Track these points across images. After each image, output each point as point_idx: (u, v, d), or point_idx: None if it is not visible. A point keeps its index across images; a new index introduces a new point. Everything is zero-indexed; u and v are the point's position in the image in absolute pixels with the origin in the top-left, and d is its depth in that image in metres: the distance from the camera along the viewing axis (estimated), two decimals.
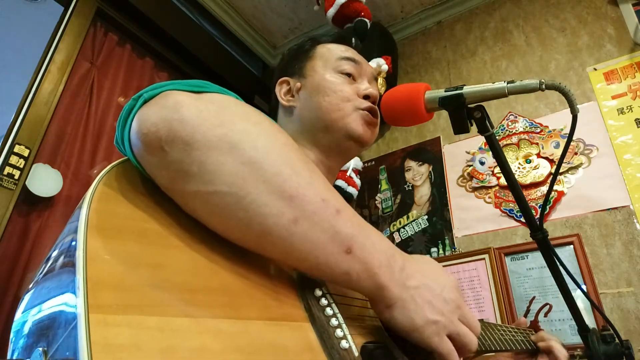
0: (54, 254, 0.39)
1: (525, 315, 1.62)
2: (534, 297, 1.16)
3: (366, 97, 0.77)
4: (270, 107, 0.89)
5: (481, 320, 0.81)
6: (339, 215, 0.43)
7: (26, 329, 0.37)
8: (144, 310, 0.32)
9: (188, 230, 0.41)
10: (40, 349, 0.31)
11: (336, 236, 0.42)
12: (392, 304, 0.45)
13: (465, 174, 2.09)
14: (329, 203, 0.43)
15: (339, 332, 0.45)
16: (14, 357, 0.37)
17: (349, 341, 0.44)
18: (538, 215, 1.71)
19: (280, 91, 0.82)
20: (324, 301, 0.47)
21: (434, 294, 0.47)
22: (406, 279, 0.46)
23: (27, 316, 0.39)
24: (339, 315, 0.47)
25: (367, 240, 0.44)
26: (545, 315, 0.92)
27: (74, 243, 0.33)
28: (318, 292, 0.48)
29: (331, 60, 0.79)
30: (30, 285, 0.42)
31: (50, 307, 0.35)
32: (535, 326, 1.00)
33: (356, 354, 0.44)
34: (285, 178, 0.40)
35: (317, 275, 0.45)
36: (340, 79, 0.77)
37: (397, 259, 0.47)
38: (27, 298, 0.42)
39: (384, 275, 0.44)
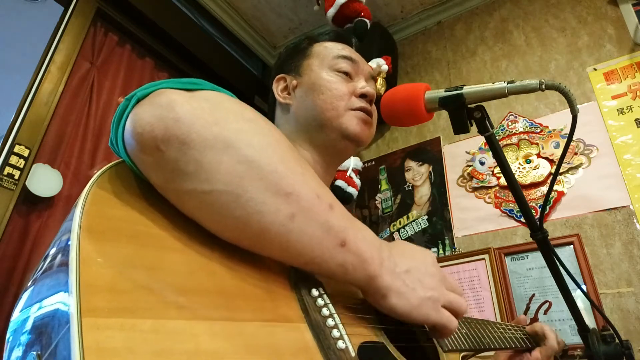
0: (52, 251, 0.39)
1: (525, 313, 1.62)
2: (533, 295, 1.16)
3: (363, 95, 0.77)
4: (268, 105, 0.89)
5: (480, 319, 0.81)
6: (332, 210, 0.44)
7: (23, 329, 0.37)
8: (137, 313, 0.32)
9: (182, 232, 0.41)
10: (34, 352, 0.31)
11: (331, 230, 0.43)
12: (386, 293, 0.48)
13: (465, 174, 2.09)
14: (322, 199, 0.44)
15: (335, 333, 0.44)
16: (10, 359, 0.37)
17: (346, 341, 0.44)
18: (538, 215, 1.71)
19: (277, 88, 0.82)
20: (320, 301, 0.47)
21: (421, 273, 0.51)
22: (394, 266, 0.49)
23: (24, 315, 0.39)
24: (335, 315, 0.46)
25: (358, 233, 0.46)
26: (545, 312, 0.92)
27: (69, 242, 0.33)
28: (315, 293, 0.48)
29: (328, 59, 0.79)
30: (29, 283, 0.42)
31: (46, 306, 0.34)
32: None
33: (353, 354, 0.44)
34: (282, 175, 0.41)
35: (313, 269, 0.46)
36: (336, 77, 0.77)
37: (383, 249, 0.49)
38: (25, 296, 0.42)
39: (375, 265, 0.47)
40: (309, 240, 0.42)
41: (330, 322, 0.45)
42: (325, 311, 0.46)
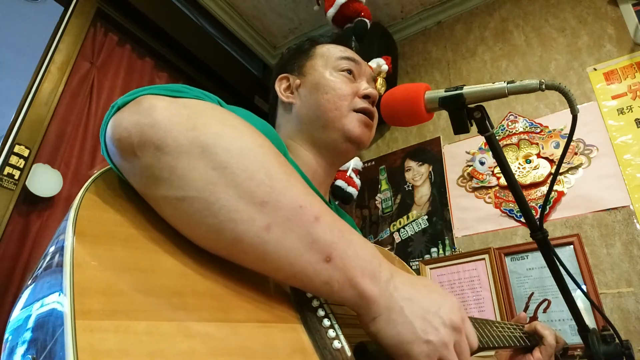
0: (51, 249, 0.39)
1: (525, 311, 1.62)
2: (532, 293, 1.16)
3: (366, 96, 0.77)
4: (269, 105, 0.90)
5: (479, 318, 0.81)
6: (317, 221, 0.40)
7: (26, 327, 0.37)
8: (131, 315, 0.32)
9: (175, 234, 0.41)
10: (30, 356, 0.31)
11: (314, 244, 0.40)
12: (377, 316, 0.42)
13: (465, 174, 2.09)
14: (306, 209, 0.40)
15: (331, 333, 0.44)
16: None
17: (342, 341, 0.44)
18: (538, 216, 1.71)
19: (279, 87, 0.83)
20: (315, 302, 0.47)
21: (428, 310, 0.43)
22: (394, 289, 0.43)
23: (26, 313, 0.39)
24: (331, 315, 0.46)
25: (349, 248, 0.42)
26: (545, 310, 0.92)
27: (65, 243, 0.34)
28: (309, 294, 0.48)
29: (331, 59, 0.80)
30: (30, 281, 0.42)
31: (48, 304, 0.35)
32: None
33: (349, 354, 0.44)
34: (258, 183, 0.38)
35: (297, 286, 0.43)
36: (340, 77, 0.78)
37: (383, 269, 0.44)
38: (26, 294, 0.41)
39: (368, 285, 0.41)
40: (287, 253, 0.39)
41: (326, 322, 0.45)
42: (321, 312, 0.46)
